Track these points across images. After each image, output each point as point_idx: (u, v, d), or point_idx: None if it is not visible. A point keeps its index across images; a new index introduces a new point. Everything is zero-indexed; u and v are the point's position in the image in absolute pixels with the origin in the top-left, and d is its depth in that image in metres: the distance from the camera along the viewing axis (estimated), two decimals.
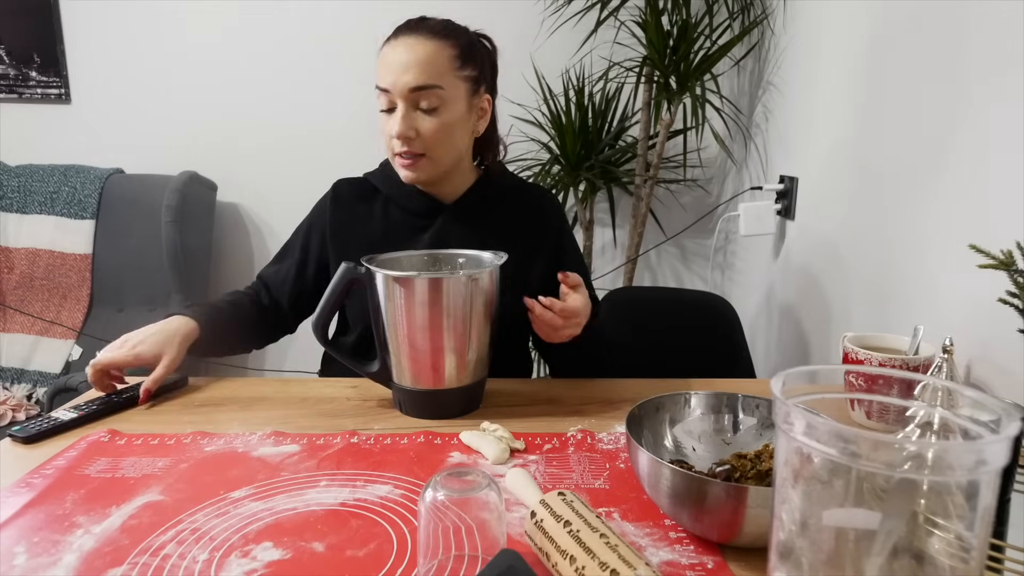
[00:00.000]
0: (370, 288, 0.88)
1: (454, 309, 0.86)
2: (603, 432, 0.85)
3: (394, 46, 0.99)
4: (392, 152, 1.03)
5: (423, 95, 0.98)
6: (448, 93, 0.99)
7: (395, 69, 0.97)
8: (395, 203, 1.11)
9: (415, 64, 0.97)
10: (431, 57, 0.98)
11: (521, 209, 1.13)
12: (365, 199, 1.12)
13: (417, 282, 0.85)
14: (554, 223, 1.14)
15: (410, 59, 0.97)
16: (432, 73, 0.98)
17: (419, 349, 0.87)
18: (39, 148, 2.20)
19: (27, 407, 1.80)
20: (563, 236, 1.15)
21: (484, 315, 0.89)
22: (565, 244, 1.15)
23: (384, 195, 1.12)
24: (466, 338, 0.88)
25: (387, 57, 0.99)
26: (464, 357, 0.88)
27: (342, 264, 0.90)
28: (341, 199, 1.12)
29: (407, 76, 0.97)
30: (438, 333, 0.86)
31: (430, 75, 0.98)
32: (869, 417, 0.80)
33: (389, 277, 0.86)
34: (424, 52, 0.98)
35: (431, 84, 0.98)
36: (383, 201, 1.12)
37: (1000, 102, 0.90)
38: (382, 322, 0.88)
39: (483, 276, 0.88)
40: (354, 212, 1.11)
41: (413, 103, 0.99)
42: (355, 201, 1.12)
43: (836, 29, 1.44)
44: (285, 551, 0.60)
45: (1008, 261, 0.65)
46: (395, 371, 0.90)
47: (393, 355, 0.89)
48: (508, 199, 1.13)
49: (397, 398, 0.93)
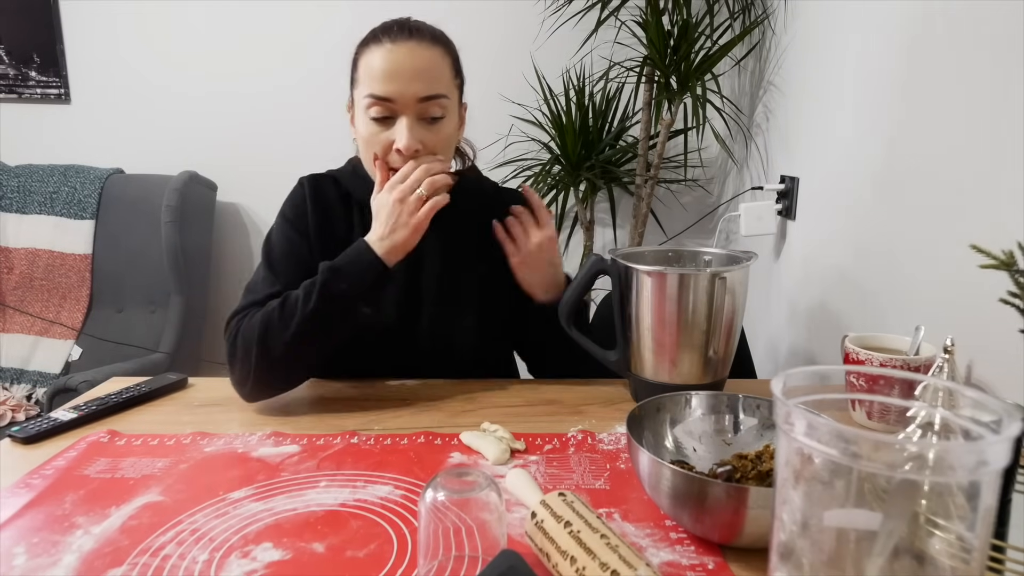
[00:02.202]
0: (615, 280, 0.94)
1: (698, 306, 0.88)
2: (603, 433, 0.85)
3: (393, 51, 0.91)
4: (384, 164, 0.95)
5: (431, 105, 0.92)
6: (450, 103, 0.95)
7: (400, 77, 0.90)
8: (371, 213, 1.00)
9: (424, 72, 0.91)
10: (437, 65, 0.93)
11: (498, 215, 1.08)
12: (340, 202, 1.05)
13: (669, 277, 0.88)
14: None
15: (417, 67, 0.91)
16: (440, 82, 0.93)
17: (659, 342, 0.90)
18: (39, 148, 2.20)
19: (27, 407, 1.80)
20: None
21: (728, 315, 0.90)
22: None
23: (358, 202, 1.04)
24: (706, 336, 0.89)
25: (384, 63, 0.91)
26: (704, 355, 0.91)
27: (592, 255, 0.95)
28: (318, 199, 1.04)
29: (417, 85, 0.91)
30: (677, 329, 0.89)
31: (439, 84, 0.93)
32: (870, 418, 0.80)
33: (639, 271, 0.90)
34: (430, 59, 0.93)
35: (439, 94, 0.93)
36: (358, 208, 1.05)
37: (1000, 102, 0.90)
38: (629, 313, 0.92)
39: (731, 275, 0.89)
40: (331, 216, 1.04)
41: (418, 114, 0.93)
42: (330, 203, 1.04)
43: (836, 29, 1.44)
44: (285, 552, 0.60)
45: (1009, 261, 0.65)
46: (634, 362, 0.94)
47: (635, 347, 0.92)
48: (485, 205, 1.08)
49: (633, 388, 0.96)
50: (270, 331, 0.89)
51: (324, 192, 1.05)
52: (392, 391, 1.00)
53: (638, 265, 0.90)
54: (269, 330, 0.89)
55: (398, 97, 0.91)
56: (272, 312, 0.90)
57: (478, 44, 2.12)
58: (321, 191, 1.05)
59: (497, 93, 2.15)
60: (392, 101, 0.91)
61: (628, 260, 0.91)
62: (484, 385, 1.02)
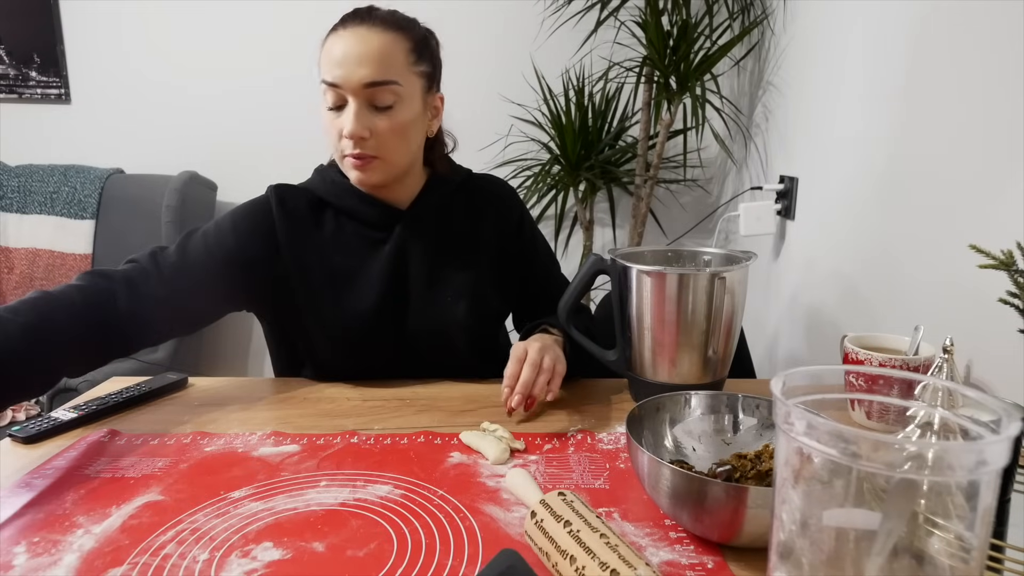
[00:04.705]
0: (614, 279, 0.94)
1: (697, 306, 0.88)
2: (603, 432, 0.85)
3: (343, 36, 0.91)
4: (341, 153, 0.95)
5: (378, 92, 0.91)
6: (404, 90, 0.93)
7: (347, 62, 0.89)
8: (347, 215, 1.02)
9: (369, 58, 0.90)
10: (386, 50, 0.91)
11: (479, 206, 1.08)
12: (312, 210, 1.02)
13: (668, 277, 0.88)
14: (515, 214, 1.12)
15: (363, 52, 0.90)
16: (388, 68, 0.91)
17: (659, 342, 0.90)
18: (39, 148, 2.20)
19: (27, 407, 1.80)
20: (526, 226, 1.13)
21: (728, 315, 0.90)
22: (531, 235, 1.14)
23: (333, 206, 1.02)
24: (706, 336, 0.89)
25: (335, 49, 0.91)
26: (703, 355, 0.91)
27: (592, 255, 0.94)
28: (287, 208, 1.00)
29: (362, 71, 0.89)
30: (676, 328, 0.89)
31: (386, 70, 0.91)
32: (869, 417, 0.80)
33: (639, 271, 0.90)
34: (378, 44, 0.90)
35: (387, 80, 0.91)
36: (333, 213, 1.02)
37: (1000, 102, 0.90)
38: (629, 313, 0.92)
39: (730, 275, 0.89)
40: (302, 224, 1.00)
41: (367, 100, 0.91)
42: (302, 211, 1.01)
43: (836, 29, 1.44)
44: (285, 551, 0.60)
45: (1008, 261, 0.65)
46: (633, 361, 0.94)
47: (635, 346, 0.93)
48: (463, 196, 1.08)
49: (633, 388, 0.96)
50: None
51: (293, 200, 1.01)
52: (392, 391, 1.00)
53: (637, 265, 0.90)
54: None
55: (343, 83, 0.90)
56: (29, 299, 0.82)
57: (478, 44, 2.13)
58: (289, 199, 1.01)
59: (497, 93, 2.15)
60: (340, 87, 0.91)
61: (627, 260, 0.92)
62: (484, 385, 1.02)
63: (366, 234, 1.02)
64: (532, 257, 1.14)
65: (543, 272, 1.16)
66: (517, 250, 1.11)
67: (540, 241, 1.16)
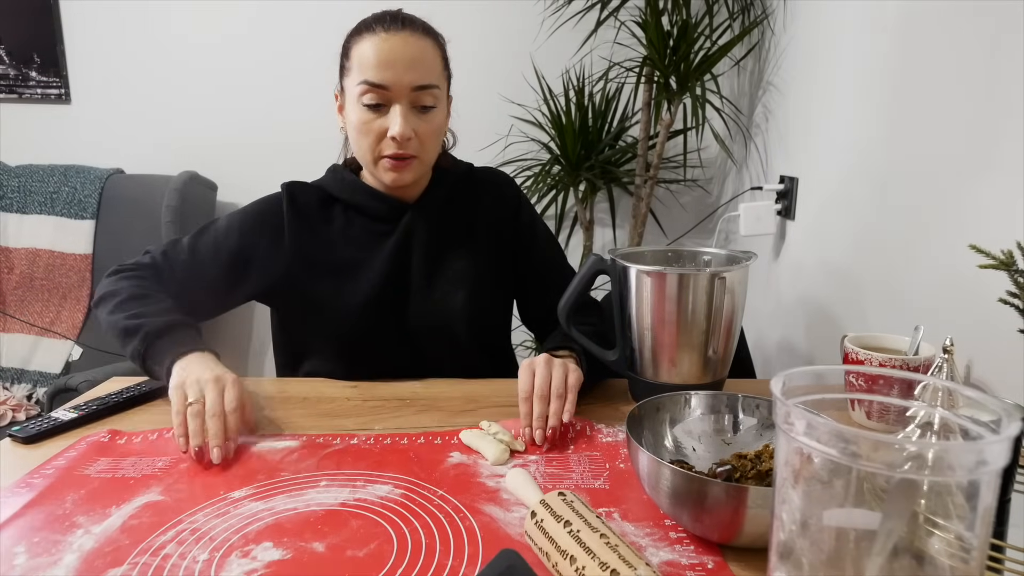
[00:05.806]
0: (614, 279, 0.94)
1: (697, 306, 0.88)
2: (603, 432, 0.85)
3: (386, 40, 0.94)
4: (377, 154, 0.98)
5: (423, 94, 0.96)
6: (440, 93, 0.99)
7: (396, 65, 0.93)
8: (355, 210, 1.06)
9: (417, 61, 0.95)
10: (428, 55, 0.97)
11: (478, 195, 1.11)
12: (322, 206, 1.06)
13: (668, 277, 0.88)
14: (511, 200, 1.13)
15: (412, 56, 0.94)
16: (431, 71, 0.97)
17: (659, 342, 0.90)
18: (39, 148, 2.20)
19: (27, 407, 1.80)
20: (524, 211, 1.14)
21: (728, 315, 0.90)
22: (531, 221, 1.15)
23: (343, 202, 1.06)
24: (706, 336, 0.89)
25: (380, 51, 0.93)
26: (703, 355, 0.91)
27: (592, 255, 0.94)
28: (297, 204, 1.05)
29: (412, 74, 0.94)
30: (676, 328, 0.89)
31: (431, 73, 0.97)
32: (869, 417, 0.80)
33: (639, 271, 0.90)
34: (423, 49, 0.96)
35: (431, 83, 0.97)
36: (342, 208, 1.06)
37: (999, 102, 0.90)
38: (629, 313, 0.92)
39: (730, 275, 0.89)
40: (311, 219, 1.05)
41: (412, 102, 0.96)
42: (312, 207, 1.05)
43: (836, 29, 1.44)
44: (285, 551, 0.60)
45: (1008, 261, 0.65)
46: (633, 361, 0.94)
47: (635, 346, 0.93)
48: (464, 188, 1.11)
49: (633, 388, 0.96)
50: (104, 304, 0.96)
51: (304, 196, 1.06)
52: (392, 391, 1.00)
53: (638, 265, 0.90)
54: (104, 302, 0.96)
55: (393, 85, 0.94)
56: (119, 292, 0.96)
57: (478, 44, 2.13)
58: (300, 196, 1.06)
59: (497, 93, 2.15)
60: (387, 89, 0.94)
61: (627, 260, 0.92)
62: (484, 385, 1.02)
63: (373, 228, 1.05)
64: (531, 243, 1.14)
65: (544, 259, 1.16)
66: (514, 234, 1.12)
67: (541, 228, 1.17)
